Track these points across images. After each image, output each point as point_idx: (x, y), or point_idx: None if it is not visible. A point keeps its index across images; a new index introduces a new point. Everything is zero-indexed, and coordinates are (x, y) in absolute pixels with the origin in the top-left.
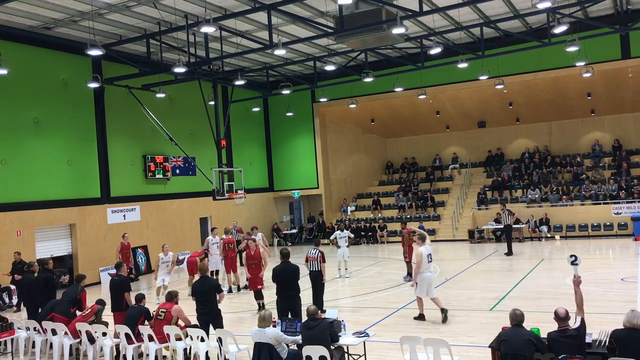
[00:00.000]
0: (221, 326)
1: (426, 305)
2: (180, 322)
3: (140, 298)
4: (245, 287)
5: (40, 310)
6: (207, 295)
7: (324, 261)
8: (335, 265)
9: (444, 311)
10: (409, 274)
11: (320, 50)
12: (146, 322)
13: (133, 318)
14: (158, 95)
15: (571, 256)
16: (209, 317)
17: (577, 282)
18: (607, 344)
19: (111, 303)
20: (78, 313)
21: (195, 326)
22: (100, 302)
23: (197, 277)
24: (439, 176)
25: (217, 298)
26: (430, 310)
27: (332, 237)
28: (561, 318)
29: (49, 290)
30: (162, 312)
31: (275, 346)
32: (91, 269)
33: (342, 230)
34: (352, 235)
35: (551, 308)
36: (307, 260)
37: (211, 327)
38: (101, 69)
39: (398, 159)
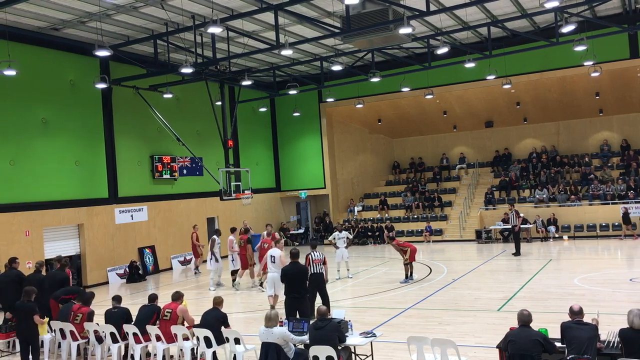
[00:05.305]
0: None
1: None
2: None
3: (153, 298)
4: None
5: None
6: (212, 326)
7: (325, 263)
8: (334, 266)
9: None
10: (406, 276)
11: (327, 50)
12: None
13: (146, 317)
14: (165, 96)
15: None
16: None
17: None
18: (616, 342)
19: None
20: None
21: (198, 326)
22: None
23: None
24: (446, 176)
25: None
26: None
27: (330, 238)
28: (575, 312)
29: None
30: (167, 312)
31: (283, 346)
32: (98, 269)
33: (340, 232)
34: (350, 236)
35: (559, 309)
36: (308, 263)
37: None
38: (109, 69)
39: (405, 159)
